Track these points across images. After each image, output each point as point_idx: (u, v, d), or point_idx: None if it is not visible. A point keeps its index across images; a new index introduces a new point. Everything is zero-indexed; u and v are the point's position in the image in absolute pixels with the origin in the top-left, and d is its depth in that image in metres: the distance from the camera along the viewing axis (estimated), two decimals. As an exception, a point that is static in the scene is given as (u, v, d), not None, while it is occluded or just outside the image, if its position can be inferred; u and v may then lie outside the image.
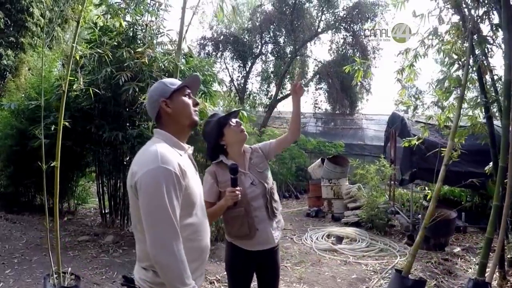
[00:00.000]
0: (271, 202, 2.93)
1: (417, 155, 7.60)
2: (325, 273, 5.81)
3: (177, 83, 2.09)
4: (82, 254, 6.02)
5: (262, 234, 2.86)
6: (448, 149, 4.62)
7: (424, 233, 4.67)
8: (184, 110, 2.05)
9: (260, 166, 3.00)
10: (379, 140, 16.83)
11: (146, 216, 1.78)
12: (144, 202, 1.79)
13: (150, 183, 1.79)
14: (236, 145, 2.96)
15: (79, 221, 8.30)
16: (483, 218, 8.42)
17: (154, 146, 1.89)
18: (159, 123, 2.07)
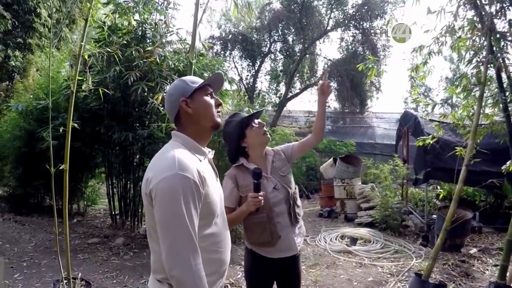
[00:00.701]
0: (294, 208, 2.81)
1: (431, 154, 7.46)
2: (341, 276, 5.70)
3: (198, 82, 1.94)
4: (92, 257, 5.96)
5: (284, 241, 2.74)
6: (469, 149, 4.48)
7: (444, 236, 4.51)
8: (206, 110, 1.91)
9: (282, 170, 2.88)
10: (389, 138, 16.72)
11: (162, 227, 1.64)
12: (160, 211, 1.64)
13: (166, 191, 1.64)
14: (258, 147, 2.85)
15: (89, 222, 8.25)
16: (498, 218, 8.28)
17: (172, 151, 1.75)
18: (178, 124, 1.92)
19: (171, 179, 1.64)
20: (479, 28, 4.76)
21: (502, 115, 5.33)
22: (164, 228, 1.63)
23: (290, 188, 2.84)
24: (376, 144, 17.97)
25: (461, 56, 5.49)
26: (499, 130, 5.35)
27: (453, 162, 5.50)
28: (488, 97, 5.41)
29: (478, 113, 4.59)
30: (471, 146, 4.48)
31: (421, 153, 7.84)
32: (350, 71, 17.88)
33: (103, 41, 6.24)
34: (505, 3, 4.81)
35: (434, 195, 10.06)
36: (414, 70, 5.67)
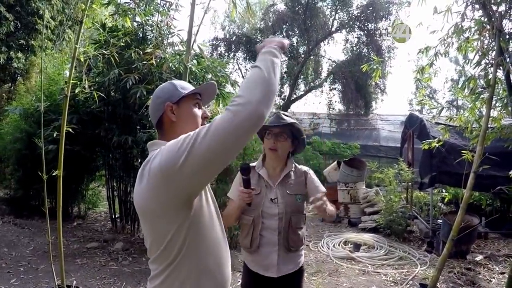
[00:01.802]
0: (288, 232, 2.70)
1: (437, 158, 7.35)
2: (343, 284, 5.57)
3: (189, 88, 1.77)
4: (91, 262, 5.87)
5: (264, 258, 2.69)
6: (478, 155, 4.34)
7: (451, 246, 4.38)
8: (189, 121, 1.73)
9: (292, 189, 2.78)
10: (394, 141, 16.60)
11: (206, 156, 1.37)
12: (179, 162, 1.38)
13: (165, 149, 1.47)
14: (268, 155, 2.83)
15: (89, 226, 8.18)
16: (505, 224, 8.14)
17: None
18: (160, 131, 1.76)
19: (163, 148, 1.49)
20: (487, 29, 4.64)
21: (509, 118, 5.21)
22: (201, 157, 1.37)
23: (291, 210, 2.72)
24: (380, 146, 17.82)
25: (468, 58, 5.37)
26: (509, 134, 5.23)
27: (459, 166, 5.40)
28: (496, 100, 5.29)
29: (487, 117, 4.46)
30: (480, 151, 4.35)
31: (427, 157, 7.71)
32: (355, 73, 17.80)
33: (102, 43, 6.16)
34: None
35: (440, 199, 9.93)
36: (419, 71, 5.57)
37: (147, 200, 1.53)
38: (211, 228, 1.68)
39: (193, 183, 1.47)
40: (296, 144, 2.84)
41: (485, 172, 5.12)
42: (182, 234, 1.54)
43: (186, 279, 1.58)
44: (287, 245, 2.69)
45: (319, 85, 21.24)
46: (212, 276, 1.65)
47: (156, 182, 1.47)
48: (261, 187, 2.73)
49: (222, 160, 1.42)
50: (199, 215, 1.60)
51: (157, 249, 1.59)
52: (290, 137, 2.76)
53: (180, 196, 1.49)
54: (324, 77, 21.25)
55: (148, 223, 1.61)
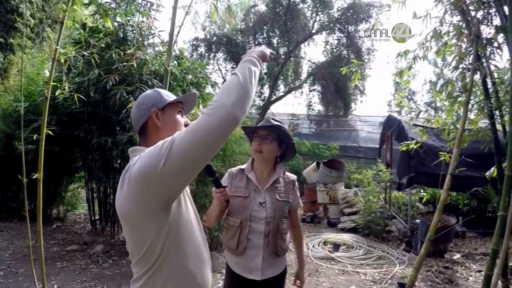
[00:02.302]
0: (276, 236, 2.76)
1: (415, 159, 7.51)
2: (323, 284, 5.64)
3: (172, 97, 1.84)
4: (71, 266, 5.82)
5: (249, 260, 2.72)
6: (454, 157, 4.45)
7: (428, 245, 4.48)
8: (174, 128, 1.77)
9: (281, 195, 2.85)
10: (373, 142, 16.81)
11: (183, 160, 1.42)
12: (161, 162, 1.42)
13: (146, 154, 1.50)
14: (255, 158, 2.89)
15: (68, 228, 8.09)
16: (482, 223, 8.33)
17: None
18: (143, 137, 1.79)
19: (142, 155, 1.53)
20: (465, 34, 4.75)
21: (486, 120, 5.35)
22: (191, 136, 1.42)
23: (279, 215, 2.78)
24: (359, 147, 18.02)
25: (446, 62, 5.49)
26: (484, 137, 5.36)
27: (437, 167, 5.51)
28: (473, 103, 5.42)
29: (464, 120, 4.57)
30: (456, 154, 4.45)
31: (405, 158, 7.85)
32: (335, 74, 17.91)
33: (82, 43, 6.10)
34: (491, 8, 4.81)
35: (418, 199, 10.10)
36: (398, 75, 5.66)
37: (128, 205, 1.56)
38: (191, 231, 1.72)
39: (173, 186, 1.51)
40: (284, 149, 2.88)
41: (463, 173, 5.25)
42: (162, 238, 1.57)
43: (167, 281, 1.61)
44: (275, 249, 2.74)
45: (299, 86, 21.31)
46: (193, 278, 1.69)
47: (137, 187, 1.51)
48: (249, 190, 2.77)
49: (200, 161, 1.48)
50: (178, 219, 1.64)
51: (138, 253, 1.62)
52: (276, 140, 2.80)
53: (160, 199, 1.53)
54: (304, 78, 21.34)
55: (129, 228, 1.64)
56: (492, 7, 4.78)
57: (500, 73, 5.23)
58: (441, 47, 5.22)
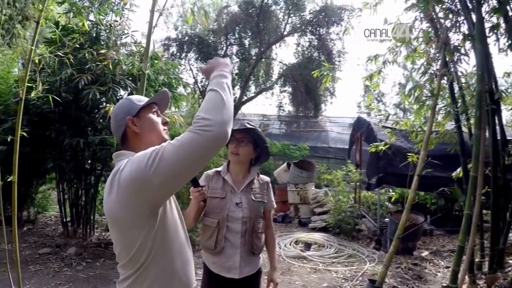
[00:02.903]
0: (252, 236, 2.84)
1: (384, 160, 7.67)
2: (296, 282, 5.74)
3: (144, 100, 1.87)
4: (44, 269, 5.75)
5: (227, 259, 2.78)
6: (421, 159, 4.62)
7: (397, 243, 4.64)
8: (152, 128, 1.82)
9: (257, 196, 2.92)
10: (342, 142, 17.02)
11: (173, 170, 1.46)
12: (148, 172, 1.46)
13: (136, 159, 1.53)
14: (231, 160, 2.94)
15: (40, 231, 7.96)
16: (449, 221, 8.60)
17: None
18: (125, 145, 1.82)
19: (137, 156, 1.55)
20: (434, 41, 4.94)
21: (453, 123, 5.56)
22: (179, 151, 1.46)
23: (255, 215, 2.86)
24: (329, 148, 18.23)
25: (415, 66, 5.67)
26: (450, 139, 5.58)
27: (405, 168, 5.68)
28: (440, 107, 5.62)
29: (431, 124, 4.75)
30: (423, 156, 4.63)
31: (374, 159, 8.03)
32: (305, 76, 18.06)
33: (55, 42, 6.03)
34: (460, 16, 5.01)
35: (387, 198, 10.33)
36: (368, 78, 5.82)
37: (117, 209, 1.60)
38: (176, 233, 1.77)
39: (161, 193, 1.56)
40: (258, 152, 2.96)
41: (430, 173, 5.46)
42: (150, 241, 1.62)
43: (154, 281, 1.66)
44: (251, 248, 2.82)
45: (269, 87, 21.43)
46: (178, 277, 1.75)
47: (126, 192, 1.55)
48: (226, 191, 2.84)
49: (189, 173, 1.55)
50: (164, 222, 1.69)
51: (126, 255, 1.66)
52: (251, 143, 2.88)
53: (149, 205, 1.57)
54: (275, 79, 21.48)
55: (117, 231, 1.68)
56: (460, 15, 4.98)
57: (467, 76, 5.45)
58: (410, 53, 5.41)
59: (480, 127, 4.47)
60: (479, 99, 4.43)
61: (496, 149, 5.10)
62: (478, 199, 4.53)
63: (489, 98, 4.81)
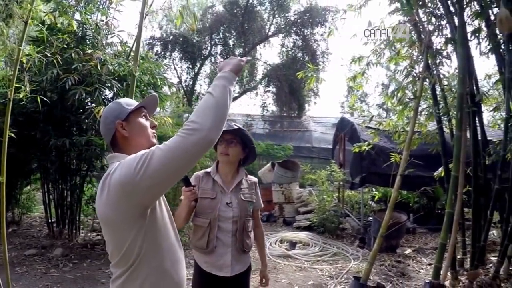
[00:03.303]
0: (242, 234, 2.91)
1: (367, 160, 7.77)
2: (282, 281, 5.82)
3: (133, 104, 1.90)
4: (31, 270, 5.73)
5: (219, 258, 2.84)
6: (404, 159, 4.74)
7: (381, 241, 4.76)
8: (141, 132, 1.87)
9: (246, 196, 2.99)
10: (326, 142, 17.13)
11: (161, 174, 1.52)
12: (139, 175, 1.51)
13: (126, 162, 1.58)
14: (220, 161, 2.99)
15: (25, 232, 7.89)
16: (431, 219, 8.77)
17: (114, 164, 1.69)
18: (115, 147, 1.86)
19: (127, 159, 1.60)
20: (417, 45, 5.06)
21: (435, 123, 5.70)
22: (167, 156, 1.51)
23: (245, 214, 2.93)
24: (313, 148, 18.35)
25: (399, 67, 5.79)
26: (432, 140, 5.72)
27: (388, 168, 5.80)
28: (423, 109, 5.76)
29: (413, 125, 4.87)
30: (406, 156, 4.74)
31: (357, 159, 8.12)
32: (289, 76, 18.18)
33: (42, 41, 5.99)
34: (443, 19, 5.14)
35: (370, 197, 10.47)
36: (352, 79, 5.93)
37: (108, 210, 1.66)
38: (166, 232, 1.83)
39: (149, 196, 1.62)
40: (247, 152, 3.03)
41: (413, 173, 5.58)
42: (140, 241, 1.67)
43: (145, 280, 1.71)
44: (241, 247, 2.89)
45: (253, 87, 21.54)
46: (169, 276, 1.80)
47: (116, 195, 1.60)
48: (216, 192, 2.89)
49: (176, 176, 1.61)
50: (154, 222, 1.74)
51: (117, 255, 1.72)
52: (240, 144, 2.95)
53: (138, 207, 1.64)
54: (259, 79, 21.58)
55: (109, 231, 1.73)
56: (443, 18, 5.11)
57: (450, 78, 5.58)
58: (393, 55, 5.53)
59: (461, 129, 4.61)
60: (460, 101, 4.56)
61: (477, 149, 5.25)
62: (459, 197, 4.69)
63: (470, 100, 4.95)
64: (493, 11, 4.91)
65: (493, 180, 5.11)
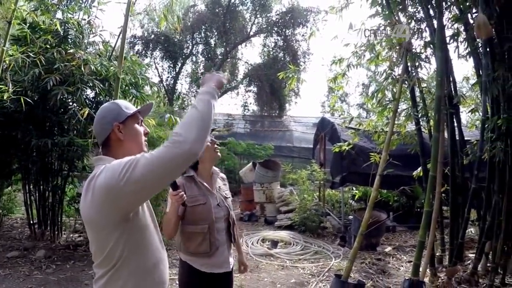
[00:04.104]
0: (233, 228, 2.99)
1: (347, 159, 7.87)
2: (265, 279, 5.88)
3: (131, 108, 1.92)
4: (14, 273, 5.66)
5: (219, 257, 2.87)
6: (383, 159, 4.84)
7: (361, 239, 4.86)
8: (136, 139, 1.89)
9: (226, 193, 3.06)
10: (307, 142, 17.25)
11: (144, 182, 1.54)
12: (125, 182, 1.54)
13: (110, 167, 1.60)
14: (208, 163, 2.98)
15: (6, 234, 7.77)
16: (411, 218, 8.93)
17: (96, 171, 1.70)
18: (106, 148, 1.86)
19: (111, 164, 1.62)
20: (396, 48, 5.16)
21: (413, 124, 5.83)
22: (145, 179, 1.54)
23: (231, 209, 3.01)
24: (294, 147, 18.48)
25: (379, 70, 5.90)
26: (411, 140, 5.85)
27: (368, 167, 5.90)
28: (402, 110, 5.88)
29: (392, 126, 4.97)
30: (385, 156, 4.84)
31: (338, 159, 8.22)
32: (270, 76, 18.26)
33: (23, 40, 5.93)
34: (422, 23, 5.26)
35: (350, 196, 10.59)
36: (332, 80, 6.02)
37: (92, 213, 1.68)
38: (149, 234, 1.85)
39: (133, 201, 1.65)
40: None
41: (392, 172, 5.70)
42: (122, 243, 1.70)
43: (128, 280, 1.75)
44: (232, 239, 2.97)
45: (235, 87, 21.56)
46: (151, 277, 1.84)
47: (100, 198, 1.63)
48: (205, 196, 2.88)
49: (160, 185, 1.64)
50: (137, 225, 1.77)
51: (100, 255, 1.75)
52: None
53: (121, 211, 1.66)
54: (240, 79, 21.61)
55: (92, 233, 1.76)
56: (423, 22, 5.23)
57: (429, 80, 5.72)
58: (373, 58, 5.63)
59: (438, 130, 4.73)
60: (438, 103, 4.68)
61: (454, 150, 5.39)
62: (437, 196, 4.82)
63: (448, 102, 5.09)
64: (472, 15, 5.05)
65: (470, 179, 5.26)
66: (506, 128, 4.68)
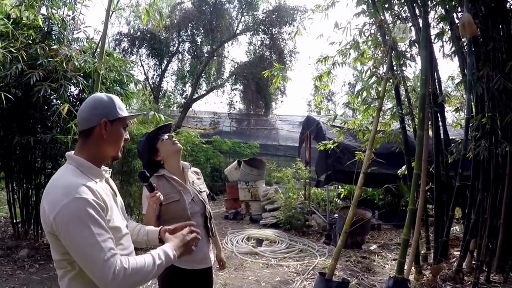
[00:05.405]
0: (211, 222, 2.96)
1: (332, 158, 7.88)
2: (249, 278, 5.86)
3: (124, 110, 1.85)
4: (-4, 272, 5.57)
5: (199, 253, 2.82)
6: (367, 158, 4.85)
7: (345, 237, 4.85)
8: (117, 142, 1.83)
9: (200, 186, 3.02)
10: (292, 140, 17.30)
11: (79, 253, 1.56)
12: (71, 240, 1.56)
13: (69, 218, 1.54)
14: (172, 158, 2.91)
15: (-11, 233, 7.64)
16: (396, 216, 8.97)
17: (64, 177, 1.66)
18: (84, 139, 1.78)
19: (70, 205, 1.55)
20: (381, 46, 5.17)
21: (397, 123, 5.85)
22: (81, 253, 1.57)
23: (206, 203, 2.98)
24: (279, 146, 18.52)
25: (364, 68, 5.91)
26: (395, 139, 5.87)
27: (353, 165, 5.92)
28: (387, 109, 5.89)
29: (376, 125, 4.98)
30: (369, 155, 4.85)
31: (323, 157, 8.25)
32: (256, 74, 18.23)
33: (7, 36, 5.82)
34: (408, 22, 5.28)
35: (336, 194, 10.62)
36: (318, 79, 6.01)
37: (44, 222, 1.65)
38: (119, 238, 1.78)
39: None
40: None
41: (377, 170, 5.71)
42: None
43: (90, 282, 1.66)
44: (210, 234, 2.95)
45: (221, 85, 21.51)
46: None
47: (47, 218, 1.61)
48: (178, 192, 2.85)
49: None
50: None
51: (55, 257, 1.72)
52: None
53: None
54: (226, 77, 21.57)
55: (48, 236, 1.70)
56: (408, 20, 5.25)
57: (414, 79, 5.74)
58: (358, 56, 5.64)
59: (423, 128, 4.75)
60: (423, 102, 4.70)
61: (439, 148, 5.42)
62: (422, 195, 4.84)
63: (433, 101, 5.11)
64: (457, 15, 5.08)
65: (454, 177, 5.29)
66: (491, 126, 4.73)
